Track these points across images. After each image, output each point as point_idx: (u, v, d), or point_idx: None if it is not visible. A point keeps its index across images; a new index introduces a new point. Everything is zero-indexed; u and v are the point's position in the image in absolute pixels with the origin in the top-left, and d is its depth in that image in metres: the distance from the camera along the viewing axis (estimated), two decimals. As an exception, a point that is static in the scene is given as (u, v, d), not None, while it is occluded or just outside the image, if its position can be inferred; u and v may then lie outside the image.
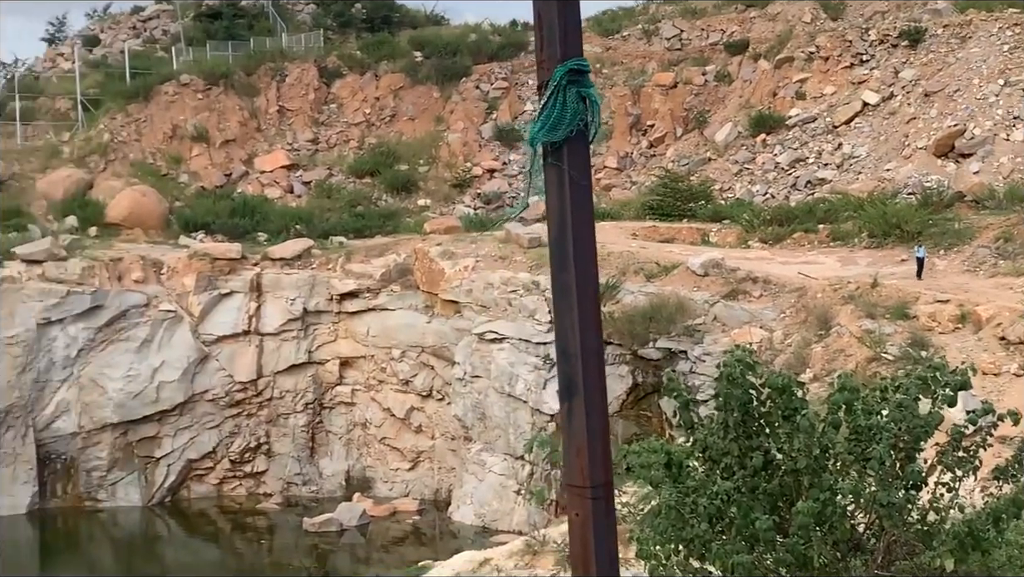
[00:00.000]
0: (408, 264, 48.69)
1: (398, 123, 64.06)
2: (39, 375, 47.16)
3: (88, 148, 59.16)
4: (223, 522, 48.12)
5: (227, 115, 62.04)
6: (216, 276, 49.39)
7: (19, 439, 46.95)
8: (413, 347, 47.85)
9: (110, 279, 48.45)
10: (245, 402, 49.59)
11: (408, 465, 48.53)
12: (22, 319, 46.59)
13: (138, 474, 48.60)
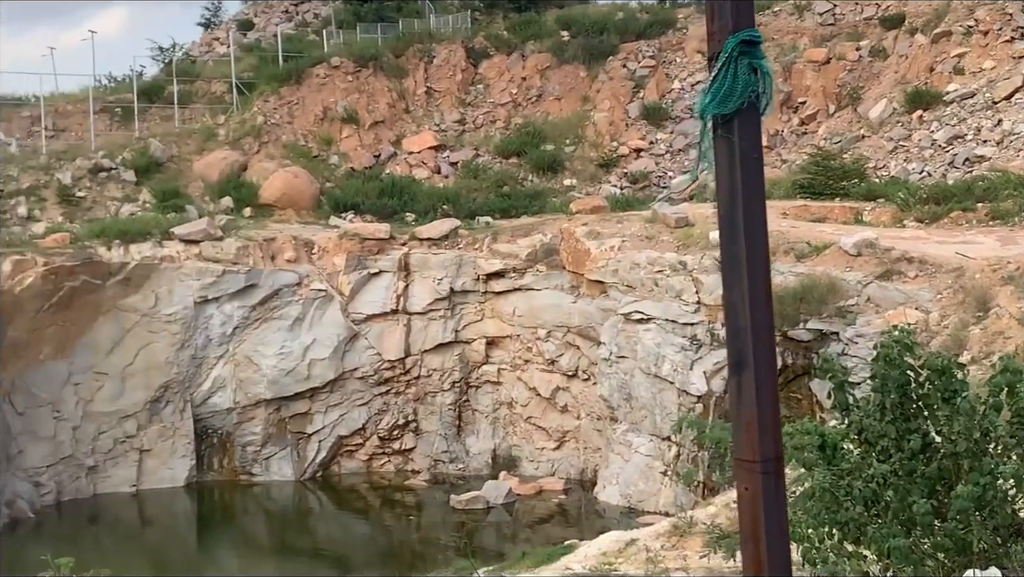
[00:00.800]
0: (554, 244, 48.77)
1: (544, 103, 64.13)
2: (196, 352, 48.60)
3: (242, 130, 60.59)
4: (372, 498, 49.02)
5: (376, 97, 62.90)
6: (365, 256, 50.20)
7: (178, 414, 48.51)
8: (559, 327, 47.97)
9: (263, 259, 49.61)
10: (393, 380, 50.35)
11: (554, 445, 48.73)
12: (180, 297, 48.04)
13: (290, 449, 49.78)
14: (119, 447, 47.62)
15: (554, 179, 60.37)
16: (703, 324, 41.41)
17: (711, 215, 45.06)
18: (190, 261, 48.54)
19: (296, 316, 49.14)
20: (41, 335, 46.01)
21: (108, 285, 47.03)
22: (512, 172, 60.38)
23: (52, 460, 46.19)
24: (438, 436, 50.23)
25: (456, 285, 49.81)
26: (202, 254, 48.80)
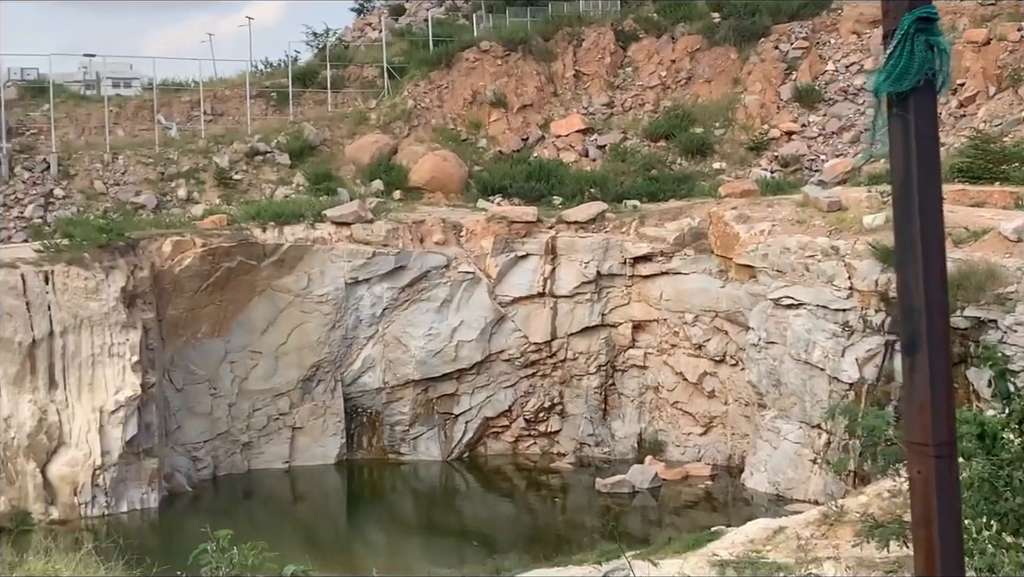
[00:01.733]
0: (702, 228, 48.32)
1: (694, 85, 63.51)
2: (347, 332, 49.50)
3: (393, 114, 61.41)
4: (518, 479, 49.35)
5: (524, 80, 63.08)
6: (512, 239, 50.44)
7: (329, 393, 49.52)
8: (706, 311, 47.56)
9: (413, 241, 50.23)
10: (540, 363, 50.56)
11: (700, 430, 48.38)
12: (332, 278, 48.96)
13: (438, 430, 50.41)
14: (272, 424, 48.84)
15: (703, 162, 59.78)
16: (855, 310, 40.62)
17: (865, 199, 44.12)
18: (341, 243, 49.39)
19: (444, 298, 49.67)
20: (199, 314, 47.41)
21: (263, 266, 48.18)
22: (660, 155, 59.98)
23: (209, 436, 47.61)
24: (583, 419, 50.29)
25: (603, 268, 49.73)
26: (353, 236, 49.62)
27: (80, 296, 42.70)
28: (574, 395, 50.44)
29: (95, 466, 41.76)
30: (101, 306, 42.82)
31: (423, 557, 39.14)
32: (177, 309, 46.82)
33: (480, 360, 49.83)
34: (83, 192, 54.83)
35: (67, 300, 42.53)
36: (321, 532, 43.28)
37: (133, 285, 44.19)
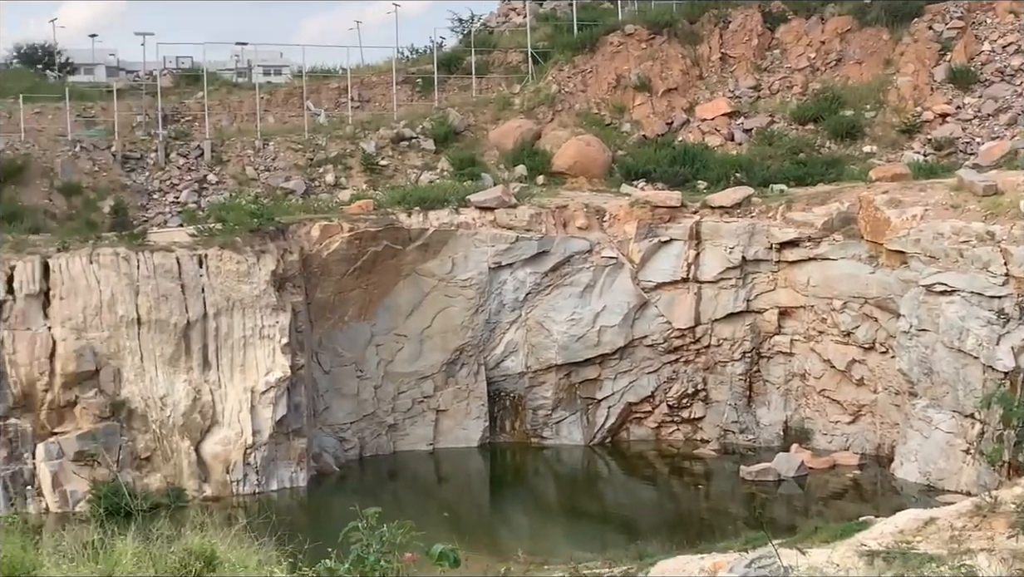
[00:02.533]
0: (852, 213, 47.27)
1: (844, 67, 62.03)
2: (490, 316, 49.78)
3: (537, 99, 61.42)
4: (661, 465, 49.06)
5: (669, 64, 62.45)
6: (656, 224, 50.07)
7: (472, 376, 49.89)
8: (855, 298, 46.55)
9: (556, 226, 50.22)
10: (683, 348, 50.14)
11: (848, 418, 47.43)
12: (475, 263, 49.26)
13: (580, 414, 50.40)
14: (417, 407, 49.42)
15: (852, 146, 58.41)
16: (1011, 297, 39.34)
17: (1023, 183, 42.69)
18: (485, 228, 49.64)
19: (587, 283, 49.57)
20: (346, 297, 48.19)
21: (408, 250, 48.72)
22: (808, 139, 58.81)
23: (355, 417, 48.41)
24: (728, 406, 49.74)
25: (748, 254, 49.04)
26: (497, 221, 49.82)
27: (232, 279, 43.74)
28: (718, 381, 49.91)
29: (246, 445, 42.80)
30: (252, 289, 43.81)
31: (565, 541, 39.18)
32: (325, 292, 47.66)
33: (623, 345, 49.64)
34: (235, 177, 56.14)
35: (220, 283, 43.61)
36: (465, 514, 43.64)
37: (283, 269, 45.10)
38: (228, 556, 12.11)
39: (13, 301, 41.79)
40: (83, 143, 55.52)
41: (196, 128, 59.57)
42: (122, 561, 11.92)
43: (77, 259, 42.64)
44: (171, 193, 54.92)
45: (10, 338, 41.50)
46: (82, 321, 42.11)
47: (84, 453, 41.19)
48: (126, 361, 42.45)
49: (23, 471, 41.07)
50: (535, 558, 32.98)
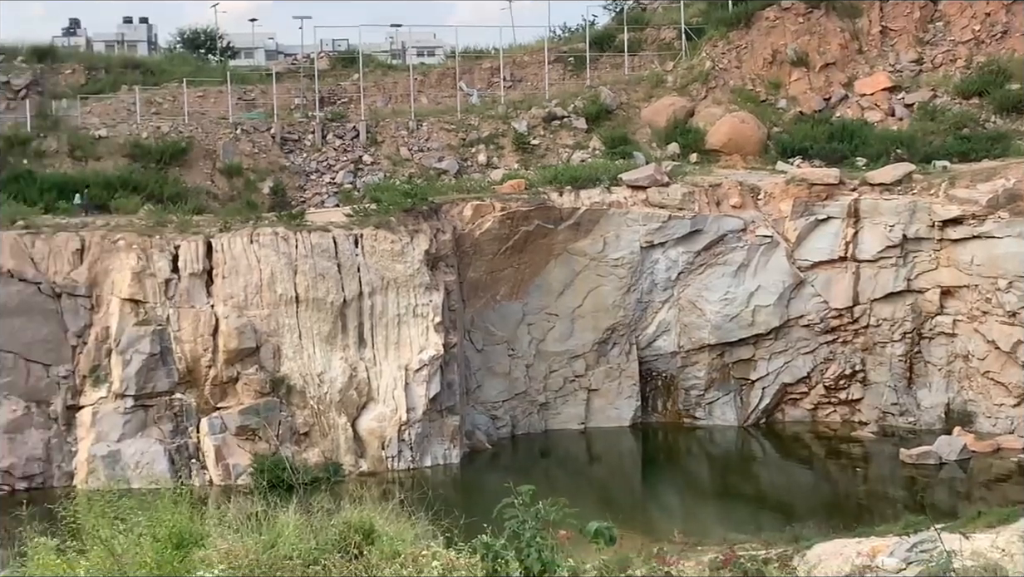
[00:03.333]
0: (1018, 190, 45.67)
1: (1010, 40, 59.74)
2: (642, 296, 49.52)
3: (690, 76, 60.72)
4: (817, 447, 48.23)
5: (827, 38, 61.06)
6: (813, 201, 49.11)
7: (624, 356, 49.73)
8: (1021, 277, 44.98)
9: (709, 204, 49.65)
10: (840, 329, 49.14)
11: (1013, 401, 45.85)
12: (627, 242, 49.02)
13: (734, 395, 49.83)
14: (568, 386, 49.48)
15: (1019, 120, 56.33)
16: None
17: None
18: (637, 207, 49.34)
19: (741, 262, 48.92)
20: (498, 276, 48.44)
21: (559, 229, 48.72)
22: (973, 113, 56.91)
23: (507, 395, 48.69)
24: (887, 388, 48.58)
25: (909, 232, 47.74)
26: (648, 200, 49.47)
27: (387, 258, 44.34)
28: (877, 363, 48.77)
29: (401, 422, 43.40)
30: (406, 268, 44.35)
31: (719, 522, 38.80)
32: (477, 272, 48.00)
33: (778, 325, 48.88)
34: (389, 158, 56.89)
35: (375, 262, 44.26)
36: (617, 493, 43.59)
37: (436, 248, 45.54)
38: (386, 530, 12.26)
39: (178, 280, 43.10)
40: (243, 126, 56.90)
41: (352, 110, 60.51)
42: (284, 533, 12.16)
43: (238, 239, 43.74)
44: (327, 174, 55.94)
45: (175, 316, 42.82)
46: (243, 299, 43.19)
47: (246, 428, 42.32)
48: (285, 338, 43.41)
49: (188, 444, 42.39)
50: (689, 539, 32.77)
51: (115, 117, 57.49)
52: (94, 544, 10.06)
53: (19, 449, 41.50)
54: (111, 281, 43.19)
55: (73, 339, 42.91)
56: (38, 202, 47.25)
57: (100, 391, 42.45)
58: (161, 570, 9.65)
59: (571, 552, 9.80)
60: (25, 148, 52.71)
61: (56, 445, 42.07)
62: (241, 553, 11.64)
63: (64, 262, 43.32)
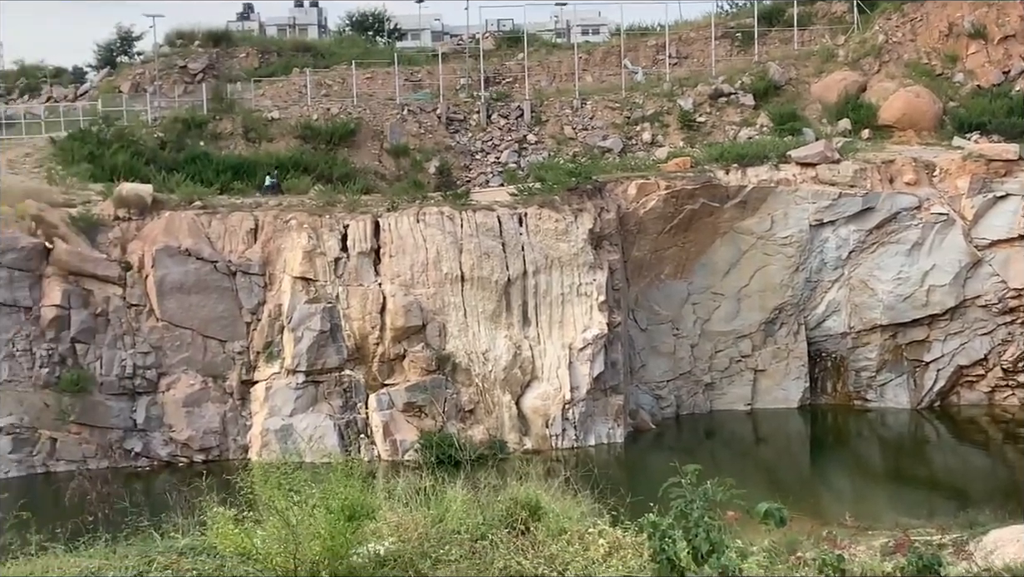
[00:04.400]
0: None
1: None
2: (811, 275, 48.57)
3: (862, 50, 59.17)
4: (993, 431, 46.69)
5: (1006, 9, 58.77)
6: (991, 178, 47.43)
7: (792, 336, 48.89)
8: None
9: (881, 181, 48.36)
10: (1019, 309, 47.42)
11: None
12: (795, 220, 48.11)
13: (906, 377, 48.54)
14: (734, 366, 48.89)
15: None
16: None
17: None
18: (806, 184, 48.37)
19: (915, 240, 47.53)
20: (662, 255, 48.08)
21: (725, 208, 48.08)
22: None
23: (672, 375, 48.36)
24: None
25: (1092, 210, 45.78)
26: (818, 177, 48.45)
27: (551, 237, 44.41)
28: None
29: (565, 400, 43.49)
30: (570, 247, 44.35)
31: (891, 506, 37.82)
32: (641, 251, 47.71)
33: (953, 306, 47.40)
34: (553, 137, 56.95)
35: (539, 241, 44.37)
36: (784, 475, 42.86)
37: (600, 227, 45.43)
38: (552, 507, 12.32)
39: (347, 258, 43.95)
40: (410, 106, 57.66)
41: (516, 89, 60.74)
42: (452, 507, 12.33)
43: (405, 218, 44.36)
44: (492, 153, 56.30)
45: (344, 293, 43.68)
46: (410, 278, 43.80)
47: (412, 404, 42.96)
48: (451, 316, 43.88)
49: (356, 420, 43.24)
50: (860, 522, 32.05)
51: (287, 99, 58.93)
52: (269, 515, 10.33)
53: (197, 422, 42.96)
54: (283, 260, 44.29)
55: (247, 316, 44.18)
56: (214, 183, 48.73)
57: (273, 367, 43.62)
58: (334, 541, 9.86)
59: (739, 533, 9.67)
60: (201, 130, 54.45)
61: (231, 419, 43.41)
62: (410, 526, 11.85)
63: (239, 241, 44.61)
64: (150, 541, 12.12)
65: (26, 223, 42.97)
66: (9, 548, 12.69)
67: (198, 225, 44.70)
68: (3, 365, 41.37)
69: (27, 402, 41.39)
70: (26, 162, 51.30)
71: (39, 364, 41.80)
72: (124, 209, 44.96)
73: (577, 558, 10.39)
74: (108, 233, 44.35)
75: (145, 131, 54.01)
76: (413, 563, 10.67)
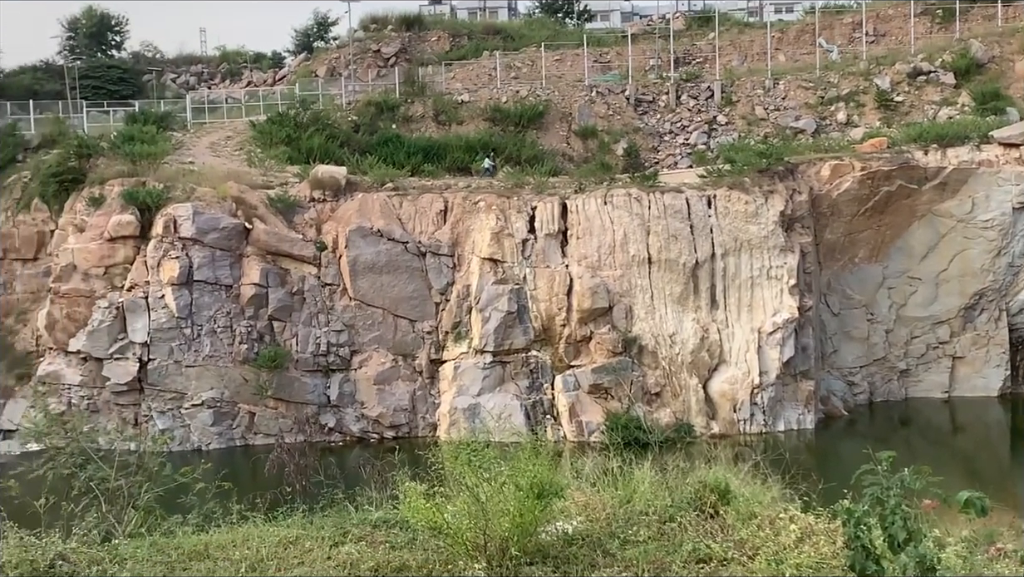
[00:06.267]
0: None
1: None
2: (1013, 260, 46.75)
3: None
4: None
5: None
6: None
7: (992, 322, 47.15)
8: None
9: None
10: None
11: None
12: (998, 203, 46.36)
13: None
14: (931, 352, 47.42)
15: None
16: None
17: None
18: (1009, 166, 46.54)
19: None
20: (856, 238, 46.90)
21: (923, 190, 46.61)
22: None
23: (865, 361, 47.19)
24: None
25: None
26: (1022, 158, 46.55)
27: (740, 219, 43.81)
28: None
29: (753, 385, 42.91)
30: (760, 229, 43.67)
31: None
32: (834, 233, 46.64)
33: None
34: (744, 118, 56.14)
35: (728, 223, 43.82)
36: (983, 464, 41.34)
37: (791, 209, 44.59)
38: (742, 491, 12.17)
39: (535, 240, 44.20)
40: (598, 88, 57.60)
41: (706, 70, 60.10)
42: (640, 488, 12.30)
43: (592, 200, 44.36)
44: (681, 135, 55.84)
45: (532, 275, 43.97)
46: (596, 260, 43.80)
47: (598, 386, 43.00)
48: (637, 299, 43.73)
49: (543, 400, 43.52)
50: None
51: (476, 82, 59.57)
52: (459, 491, 10.47)
53: (387, 400, 43.90)
54: (472, 241, 44.83)
55: (436, 296, 44.90)
56: (405, 165, 49.63)
57: (461, 346, 44.23)
58: (522, 518, 9.93)
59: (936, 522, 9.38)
60: (394, 113, 55.52)
61: (421, 397, 44.21)
62: (598, 506, 11.87)
63: (429, 222, 45.34)
64: (345, 513, 12.45)
65: (227, 204, 44.54)
66: (213, 516, 13.21)
67: (390, 206, 45.60)
68: (205, 341, 43.02)
69: (227, 377, 42.97)
70: (227, 145, 53.18)
71: (239, 340, 43.33)
72: (319, 191, 46.18)
73: (768, 543, 10.24)
74: (304, 214, 45.64)
75: (339, 114, 55.35)
76: (601, 543, 10.68)
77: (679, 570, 10.01)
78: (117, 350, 42.62)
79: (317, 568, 10.29)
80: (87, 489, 13.25)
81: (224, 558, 10.65)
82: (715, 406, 43.33)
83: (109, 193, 45.46)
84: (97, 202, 45.37)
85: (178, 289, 42.66)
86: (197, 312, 42.95)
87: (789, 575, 9.63)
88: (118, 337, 42.73)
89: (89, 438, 14.49)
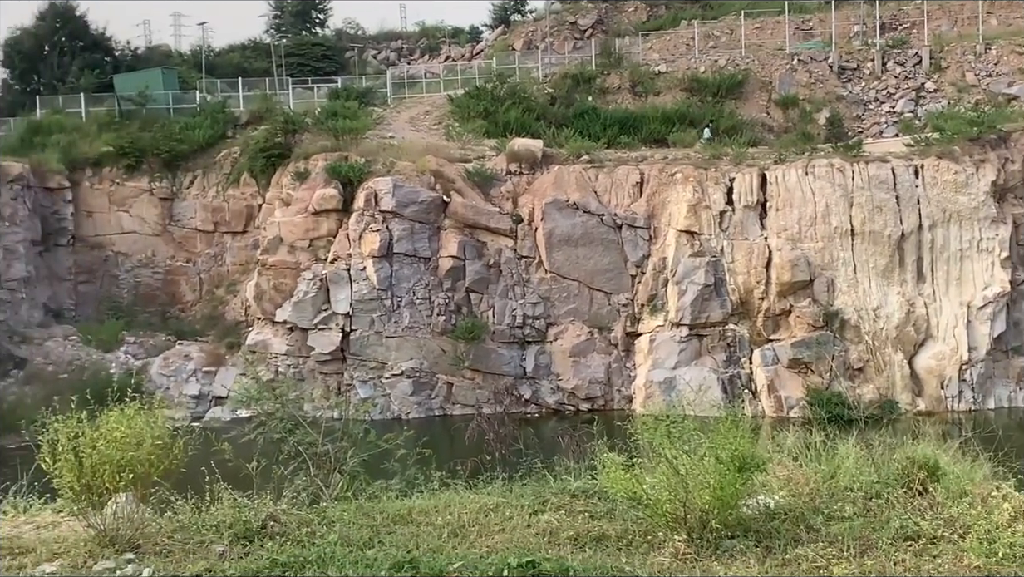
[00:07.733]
0: None
1: None
2: None
3: None
4: None
5: None
6: None
7: None
8: None
9: None
10: None
11: None
12: None
13: None
14: None
15: None
16: None
17: None
18: None
19: None
20: (1075, 209, 44.77)
21: None
22: None
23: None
24: None
25: None
26: None
27: (949, 190, 42.29)
28: None
29: (962, 361, 41.48)
30: (970, 200, 42.08)
31: None
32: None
33: None
34: (954, 85, 54.05)
35: (936, 194, 42.35)
36: None
37: (1004, 179, 42.85)
38: (951, 468, 11.74)
39: (732, 212, 43.58)
40: (800, 56, 56.27)
41: (914, 35, 58.08)
42: (844, 464, 11.98)
43: (793, 171, 43.44)
44: (887, 103, 54.13)
45: (729, 247, 43.37)
46: (796, 232, 42.91)
47: (798, 360, 42.19)
48: (839, 272, 42.70)
49: (740, 374, 42.95)
50: None
51: (674, 52, 58.93)
52: (658, 462, 10.36)
53: (583, 372, 43.98)
54: (668, 213, 44.46)
55: (632, 269, 44.72)
56: (601, 137, 49.47)
57: (657, 319, 43.97)
58: (723, 491, 9.78)
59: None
60: (590, 85, 55.37)
61: (616, 369, 44.15)
62: (801, 481, 11.60)
63: (624, 195, 45.16)
64: (544, 482, 12.49)
65: (426, 177, 45.24)
66: (415, 482, 13.46)
67: (585, 179, 45.58)
68: (405, 312, 43.86)
69: (426, 348, 43.75)
70: (426, 119, 53.98)
71: (437, 312, 44.04)
72: (515, 164, 46.47)
73: (979, 522, 9.82)
74: (500, 187, 46.02)
75: (536, 87, 55.51)
76: (804, 518, 10.43)
77: (886, 547, 9.69)
78: (321, 320, 43.83)
79: (517, 535, 10.34)
80: (295, 453, 13.66)
81: (427, 523, 10.81)
82: (921, 382, 42.04)
83: (313, 167, 46.74)
84: (302, 176, 46.70)
85: (379, 261, 43.58)
86: (397, 284, 43.83)
87: (1002, 554, 9.22)
88: (322, 308, 43.95)
89: (296, 405, 14.92)
